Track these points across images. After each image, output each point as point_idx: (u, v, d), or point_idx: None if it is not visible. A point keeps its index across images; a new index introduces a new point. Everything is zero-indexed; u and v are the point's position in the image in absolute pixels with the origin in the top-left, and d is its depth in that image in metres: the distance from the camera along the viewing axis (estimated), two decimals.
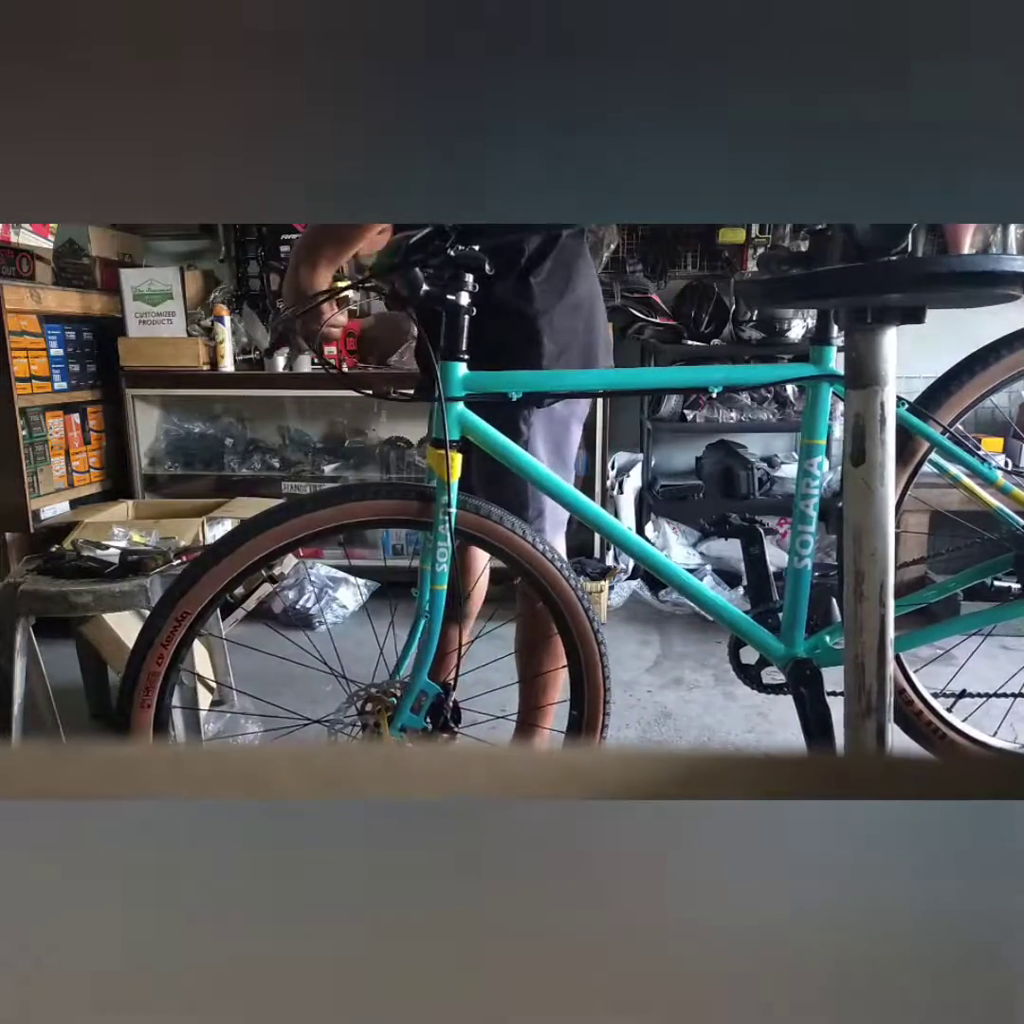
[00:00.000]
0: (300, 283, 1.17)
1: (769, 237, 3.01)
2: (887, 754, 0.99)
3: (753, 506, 2.94)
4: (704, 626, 2.63)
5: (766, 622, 1.30)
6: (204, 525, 2.31)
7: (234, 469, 3.09)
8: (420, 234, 1.08)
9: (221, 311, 2.91)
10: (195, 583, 1.13)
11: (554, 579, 1.24)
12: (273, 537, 1.14)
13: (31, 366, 2.59)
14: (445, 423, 1.12)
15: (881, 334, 0.99)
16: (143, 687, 1.14)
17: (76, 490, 2.83)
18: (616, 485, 3.06)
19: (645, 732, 2.01)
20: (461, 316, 1.12)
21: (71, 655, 1.96)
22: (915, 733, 1.45)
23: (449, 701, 1.23)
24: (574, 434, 1.42)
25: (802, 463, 1.28)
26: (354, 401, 2.97)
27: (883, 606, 1.01)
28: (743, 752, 0.23)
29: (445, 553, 1.16)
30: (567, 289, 1.30)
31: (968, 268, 1.01)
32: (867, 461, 1.00)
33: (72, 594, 1.59)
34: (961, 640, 1.64)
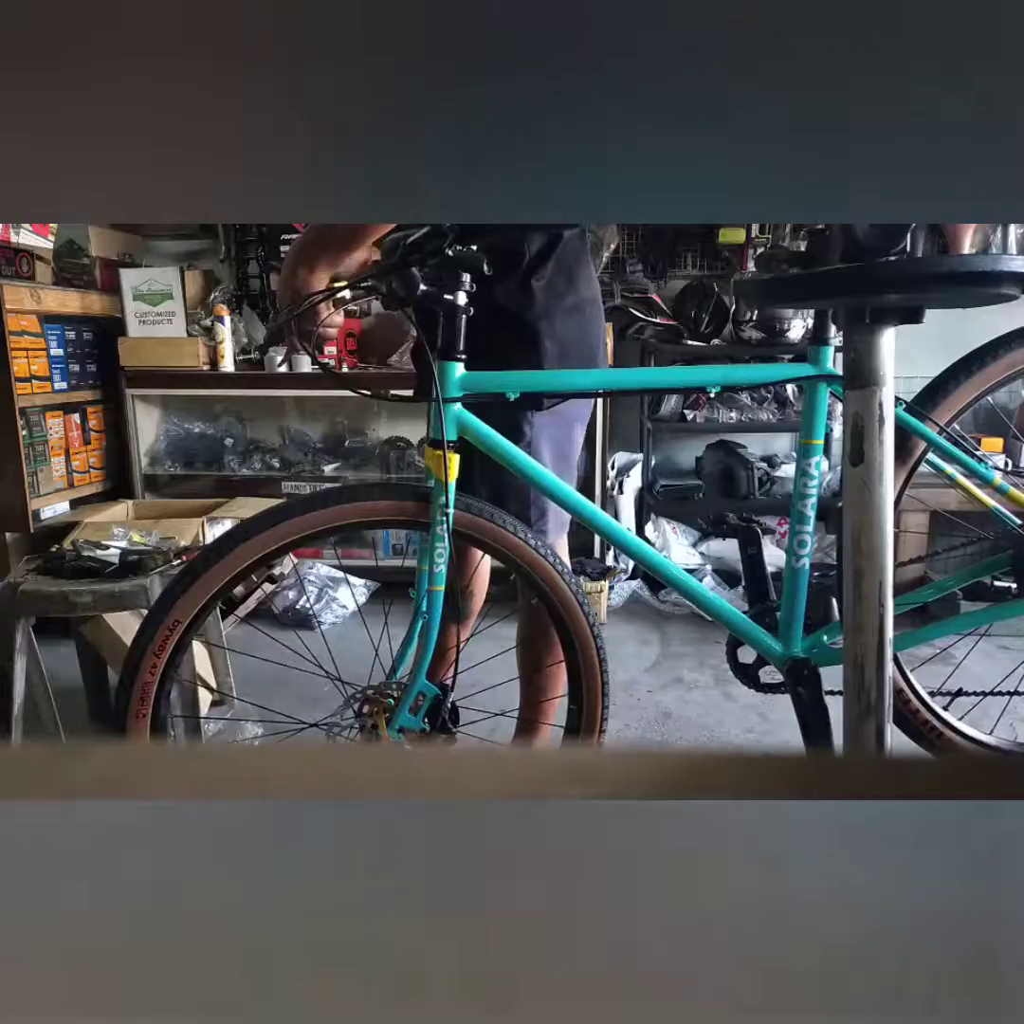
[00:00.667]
0: (297, 284, 1.17)
1: (769, 237, 3.01)
2: (886, 754, 0.99)
3: (753, 506, 2.94)
4: (704, 626, 2.63)
5: (764, 622, 1.30)
6: (204, 525, 2.31)
7: (234, 469, 3.09)
8: (417, 234, 1.08)
9: (221, 311, 2.91)
10: (186, 591, 1.13)
11: (551, 579, 1.24)
12: (265, 541, 1.14)
13: (31, 366, 2.59)
14: (443, 424, 1.12)
15: (879, 334, 0.99)
16: (138, 697, 1.14)
17: (76, 490, 2.83)
18: (616, 485, 3.06)
19: (645, 732, 2.02)
20: (458, 316, 1.12)
21: (71, 655, 1.95)
22: (912, 732, 1.45)
23: (447, 702, 1.23)
24: (577, 436, 1.42)
25: (800, 463, 1.28)
26: (354, 401, 2.97)
27: (882, 605, 1.01)
28: (743, 752, 0.23)
29: (443, 554, 1.16)
30: (568, 291, 1.30)
31: (968, 268, 1.01)
32: (866, 461, 1.00)
33: (72, 594, 1.59)
34: (959, 639, 1.64)
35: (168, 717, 1.18)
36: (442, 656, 1.32)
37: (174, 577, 1.17)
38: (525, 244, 1.27)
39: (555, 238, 1.28)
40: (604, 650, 1.28)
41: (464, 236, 1.09)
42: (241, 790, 0.23)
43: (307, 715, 1.32)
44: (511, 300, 1.27)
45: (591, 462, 2.89)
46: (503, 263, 1.22)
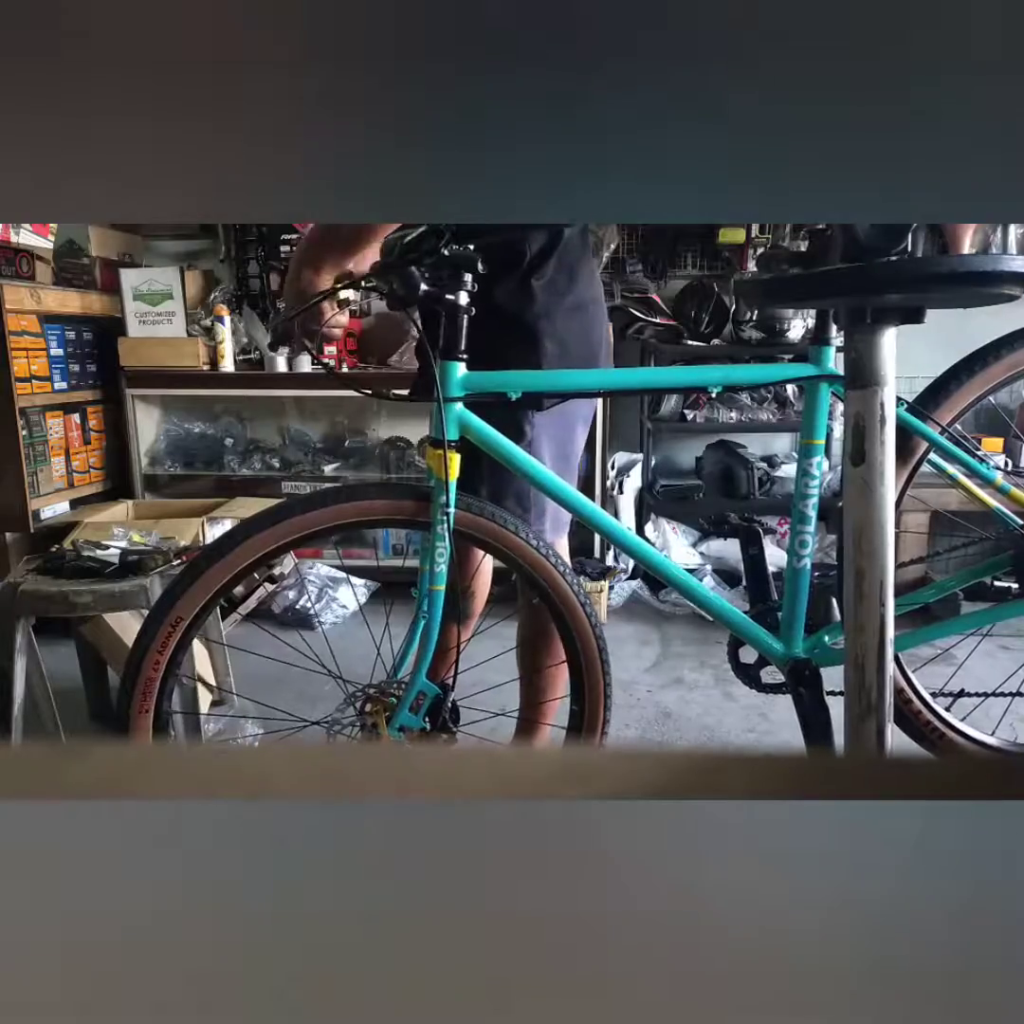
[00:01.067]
0: (302, 284, 1.17)
1: (769, 237, 3.01)
2: (886, 754, 0.99)
3: (753, 506, 2.94)
4: (704, 626, 2.63)
5: (765, 622, 1.30)
6: (204, 525, 2.31)
7: (234, 469, 3.09)
8: (414, 233, 1.08)
9: (221, 311, 2.91)
10: (188, 589, 1.13)
11: (553, 579, 1.24)
12: (266, 540, 1.14)
13: (31, 366, 2.59)
14: (444, 423, 1.12)
15: (880, 334, 0.99)
16: (140, 693, 1.15)
17: (76, 490, 2.83)
18: (616, 485, 3.06)
19: (645, 732, 2.02)
20: (460, 316, 1.12)
21: (71, 655, 1.95)
22: (913, 732, 1.45)
23: (448, 701, 1.23)
24: (579, 435, 1.42)
25: (801, 463, 1.28)
26: (354, 401, 2.97)
27: (883, 605, 1.01)
28: (743, 752, 0.23)
29: (444, 553, 1.16)
30: (569, 291, 1.30)
31: (968, 268, 1.01)
32: (867, 461, 1.00)
33: (72, 594, 1.59)
34: (960, 640, 1.64)
35: (169, 715, 1.19)
36: (443, 655, 1.32)
37: (176, 576, 1.18)
38: (526, 243, 1.27)
39: (555, 237, 1.28)
40: (606, 650, 1.28)
41: (464, 235, 1.09)
42: (241, 790, 0.23)
43: (307, 714, 1.32)
44: (512, 300, 1.27)
45: (591, 462, 2.89)
46: (504, 262, 1.22)
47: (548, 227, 1.26)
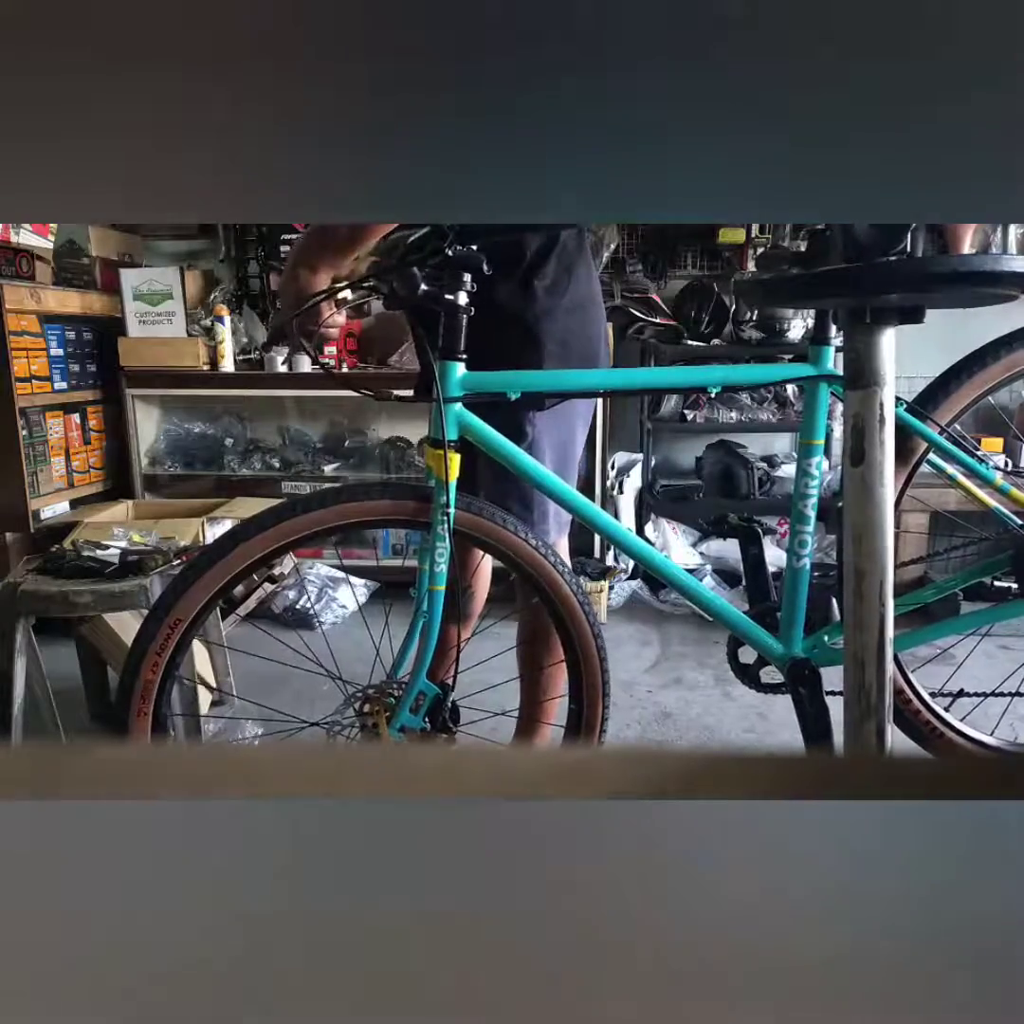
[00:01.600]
0: (299, 285, 1.17)
1: (769, 237, 3.01)
2: (886, 754, 0.99)
3: (753, 506, 2.94)
4: (703, 626, 2.63)
5: (764, 622, 1.30)
6: (204, 525, 2.31)
7: (234, 469, 3.09)
8: (418, 234, 1.08)
9: (221, 311, 2.91)
10: (187, 590, 1.13)
11: (552, 579, 1.24)
12: (265, 541, 1.14)
13: (31, 366, 2.59)
14: (443, 423, 1.12)
15: (880, 334, 0.99)
16: (139, 695, 1.14)
17: (76, 490, 2.83)
18: (616, 485, 3.06)
19: (645, 732, 2.01)
20: (459, 316, 1.12)
21: (71, 655, 1.95)
22: (913, 732, 1.45)
23: (448, 701, 1.23)
24: (579, 436, 1.42)
25: (800, 463, 1.28)
26: (354, 401, 2.97)
27: (883, 605, 1.01)
28: (743, 752, 0.23)
29: (443, 553, 1.16)
30: (568, 291, 1.30)
31: (968, 268, 1.01)
32: (866, 461, 1.00)
33: (72, 594, 1.59)
34: (960, 640, 1.64)
35: (169, 716, 1.19)
36: (443, 655, 1.32)
37: (176, 576, 1.17)
38: (526, 244, 1.27)
39: (555, 237, 1.28)
40: (605, 650, 1.28)
41: (464, 236, 1.09)
42: (241, 790, 0.23)
43: (307, 714, 1.32)
44: (512, 300, 1.27)
45: (591, 462, 2.89)
46: (504, 263, 1.22)
47: (547, 227, 1.26)
